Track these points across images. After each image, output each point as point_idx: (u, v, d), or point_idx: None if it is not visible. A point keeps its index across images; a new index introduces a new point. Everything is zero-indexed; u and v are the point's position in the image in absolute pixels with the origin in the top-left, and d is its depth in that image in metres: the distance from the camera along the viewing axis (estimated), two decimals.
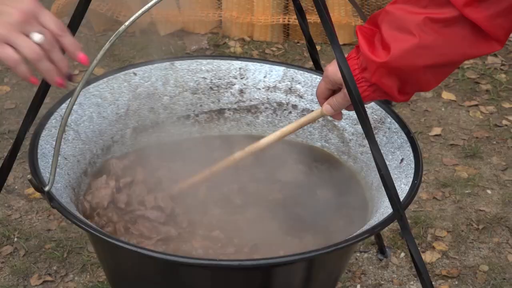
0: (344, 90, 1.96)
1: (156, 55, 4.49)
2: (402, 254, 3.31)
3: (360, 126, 2.13)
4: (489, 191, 3.66)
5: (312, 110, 2.34)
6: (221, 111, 2.50)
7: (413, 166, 2.05)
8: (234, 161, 2.21)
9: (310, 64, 2.82)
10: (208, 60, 2.49)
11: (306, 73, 2.41)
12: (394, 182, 1.92)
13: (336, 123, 2.34)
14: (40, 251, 3.29)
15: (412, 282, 3.18)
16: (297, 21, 4.47)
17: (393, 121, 2.20)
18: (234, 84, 2.48)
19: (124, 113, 2.41)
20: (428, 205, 3.55)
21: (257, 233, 2.14)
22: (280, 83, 2.46)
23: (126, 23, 1.82)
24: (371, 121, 2.18)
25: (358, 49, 1.95)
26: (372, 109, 2.25)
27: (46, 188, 1.87)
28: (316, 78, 2.37)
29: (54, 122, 2.19)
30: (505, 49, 4.73)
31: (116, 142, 2.40)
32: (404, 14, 1.85)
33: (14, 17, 1.62)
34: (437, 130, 4.01)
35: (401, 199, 1.91)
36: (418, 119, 4.10)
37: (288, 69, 2.46)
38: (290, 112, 2.46)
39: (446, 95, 4.31)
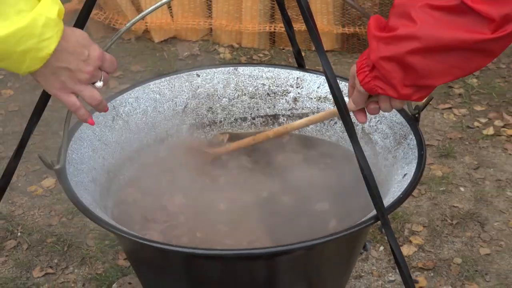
0: (357, 87, 1.93)
1: (151, 61, 4.49)
2: (381, 248, 3.31)
3: (388, 141, 2.16)
4: (462, 189, 3.67)
5: (356, 124, 2.33)
6: (275, 116, 2.50)
7: (409, 181, 2.04)
8: (273, 134, 2.26)
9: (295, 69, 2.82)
10: (270, 68, 2.49)
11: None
12: (392, 192, 1.93)
13: (371, 136, 2.32)
14: (42, 245, 3.29)
15: (390, 274, 3.18)
16: (282, 28, 4.50)
17: (414, 138, 2.17)
18: (290, 92, 2.48)
19: (181, 110, 2.44)
20: (405, 202, 3.55)
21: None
22: (330, 94, 2.45)
23: (127, 24, 1.86)
24: (397, 136, 2.19)
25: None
26: (401, 125, 2.22)
27: (56, 166, 1.93)
28: None
29: (110, 110, 2.25)
30: None
31: (171, 136, 2.42)
32: (407, 1, 1.82)
33: (84, 76, 1.70)
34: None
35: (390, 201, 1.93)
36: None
37: (340, 81, 2.44)
38: (336, 123, 2.44)
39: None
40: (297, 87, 2.48)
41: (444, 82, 1.84)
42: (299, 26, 4.27)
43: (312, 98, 2.46)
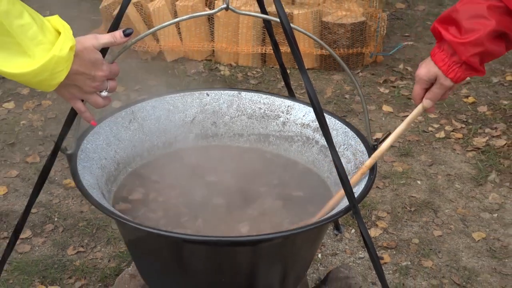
0: (440, 81, 1.96)
1: (164, 77, 4.48)
2: (353, 231, 3.30)
3: (349, 165, 2.17)
4: (419, 182, 3.66)
5: (327, 148, 2.34)
6: (266, 136, 2.49)
7: (366, 178, 2.05)
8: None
9: (283, 84, 2.81)
10: (267, 96, 2.48)
11: (332, 118, 2.38)
12: (355, 186, 1.94)
13: (342, 159, 2.32)
14: (74, 228, 3.28)
15: (360, 252, 3.18)
16: (271, 51, 4.49)
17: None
18: (280, 117, 2.47)
19: (190, 121, 2.43)
20: (372, 193, 3.55)
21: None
22: (312, 122, 2.44)
23: (145, 32, 1.85)
24: (358, 163, 2.20)
25: (439, 45, 1.95)
26: (362, 153, 2.22)
27: (69, 151, 1.98)
28: (337, 123, 2.34)
29: (123, 114, 2.26)
30: None
31: (178, 141, 2.42)
32: (473, 5, 1.88)
33: (90, 89, 1.73)
34: (378, 135, 4.00)
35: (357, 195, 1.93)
36: (365, 126, 4.09)
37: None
38: (313, 146, 2.44)
39: (386, 108, 4.30)
40: (286, 113, 2.48)
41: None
42: (285, 48, 4.26)
43: (297, 124, 2.46)
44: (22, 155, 3.78)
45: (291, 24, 1.86)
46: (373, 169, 2.08)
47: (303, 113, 2.45)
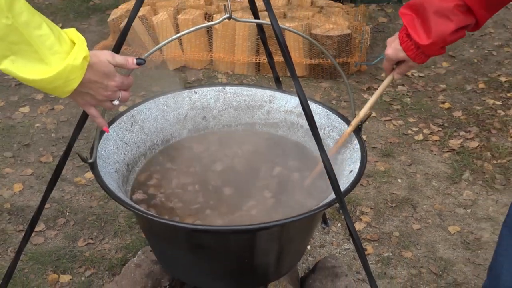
0: (408, 64, 2.08)
1: (166, 84, 4.47)
2: (339, 224, 3.30)
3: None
4: (399, 180, 3.66)
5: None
6: (253, 125, 2.51)
7: (354, 175, 2.07)
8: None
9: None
10: (249, 88, 2.50)
11: (313, 103, 2.41)
12: (341, 183, 1.94)
13: (325, 141, 2.32)
14: (84, 222, 3.27)
15: (346, 244, 3.18)
16: (265, 60, 4.50)
17: (357, 143, 2.21)
18: (264, 106, 2.49)
19: (183, 118, 2.44)
20: (357, 190, 3.55)
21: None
22: (295, 108, 2.46)
23: (156, 47, 1.88)
24: (344, 141, 2.23)
25: (407, 35, 2.02)
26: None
27: (90, 160, 1.97)
28: (319, 108, 2.37)
29: (125, 118, 2.27)
30: (409, 80, 4.74)
31: (174, 137, 2.43)
32: (439, 1, 1.93)
33: (102, 98, 1.73)
34: (363, 137, 4.01)
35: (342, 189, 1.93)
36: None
37: (310, 102, 2.47)
38: (298, 130, 2.45)
39: None
40: (269, 103, 2.49)
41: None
42: (277, 58, 4.26)
43: (280, 111, 2.48)
44: (36, 155, 3.77)
45: (282, 25, 1.87)
46: (361, 169, 2.09)
47: (285, 101, 2.48)
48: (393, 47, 2.09)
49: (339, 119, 2.32)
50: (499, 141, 4.01)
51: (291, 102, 2.47)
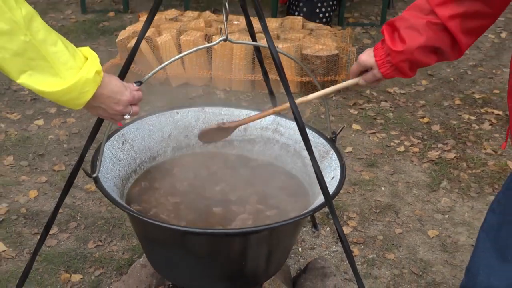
0: (374, 71, 2.02)
1: (169, 99, 4.48)
2: (328, 228, 3.30)
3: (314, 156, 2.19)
4: (382, 188, 3.67)
5: (288, 145, 2.39)
6: (231, 141, 2.50)
7: (337, 181, 2.07)
8: (286, 108, 2.19)
9: (269, 105, 2.82)
10: (227, 108, 2.51)
11: (287, 120, 2.42)
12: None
13: (301, 153, 2.33)
14: (94, 226, 3.27)
15: (334, 246, 3.18)
16: (260, 77, 4.51)
17: (334, 153, 2.22)
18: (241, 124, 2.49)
19: (167, 137, 2.43)
20: (344, 197, 3.55)
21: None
22: (270, 125, 2.47)
23: (158, 67, 1.90)
24: (321, 152, 2.23)
25: (382, 42, 1.98)
26: (323, 145, 2.28)
27: (94, 175, 1.97)
28: (292, 124, 2.38)
29: (116, 137, 2.27)
30: (392, 97, 4.75)
31: (160, 155, 2.42)
32: (414, 18, 1.90)
33: (114, 112, 1.74)
34: (349, 149, 4.01)
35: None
36: (337, 142, 4.11)
37: (276, 117, 2.48)
38: (274, 145, 2.45)
39: (355, 126, 4.31)
40: None
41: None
42: (271, 75, 4.26)
43: (257, 128, 2.49)
44: (50, 164, 3.77)
45: (277, 49, 1.88)
46: (343, 175, 2.10)
47: (260, 119, 2.48)
48: (367, 53, 2.07)
49: (314, 133, 2.33)
50: (473, 152, 4.03)
51: (266, 119, 2.48)
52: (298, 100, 2.05)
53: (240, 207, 2.19)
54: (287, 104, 2.08)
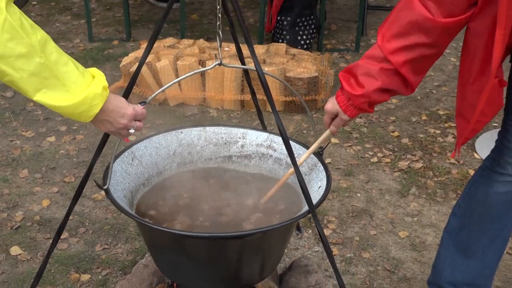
0: (340, 116, 2.06)
1: (168, 117, 4.48)
2: (310, 231, 3.31)
3: (303, 168, 2.22)
4: (358, 194, 3.68)
5: (281, 159, 2.42)
6: (230, 157, 2.51)
7: (323, 190, 2.08)
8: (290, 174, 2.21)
9: (257, 122, 2.84)
10: (226, 127, 2.52)
11: (279, 137, 2.43)
12: (312, 198, 1.96)
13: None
14: (101, 230, 3.26)
15: (315, 247, 3.18)
16: (248, 97, 4.52)
17: (321, 165, 2.23)
18: (239, 142, 2.50)
19: (172, 154, 2.43)
20: (324, 203, 3.56)
21: None
22: (264, 142, 2.47)
23: (160, 89, 1.90)
24: (310, 165, 2.23)
25: (341, 90, 2.01)
26: (311, 158, 2.29)
27: (105, 187, 1.98)
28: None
29: (126, 154, 2.28)
30: (366, 114, 4.77)
31: (166, 170, 2.42)
32: (369, 65, 1.93)
33: (120, 126, 1.76)
34: (329, 160, 4.02)
35: (314, 202, 1.94)
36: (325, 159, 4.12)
37: (270, 134, 2.50)
38: (268, 159, 2.46)
39: (333, 140, 4.32)
40: (243, 138, 2.51)
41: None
42: (259, 96, 4.28)
43: (253, 145, 2.50)
44: (61, 176, 3.76)
45: (264, 71, 1.89)
46: (328, 186, 2.11)
47: (256, 136, 2.51)
48: (331, 102, 2.10)
49: (302, 147, 2.34)
50: (439, 162, 4.05)
51: (261, 137, 2.50)
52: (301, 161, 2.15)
53: (240, 215, 2.20)
54: (326, 132, 2.15)
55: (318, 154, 2.28)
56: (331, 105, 2.07)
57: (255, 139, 2.49)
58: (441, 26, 1.85)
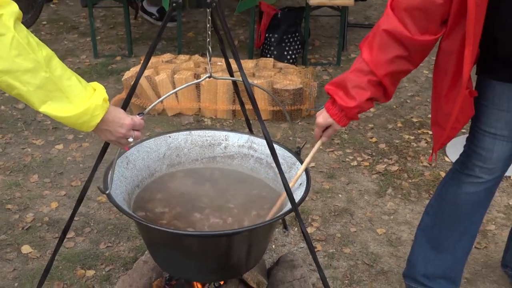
0: (333, 127, 2.07)
1: (166, 126, 4.47)
2: (296, 229, 3.30)
3: (283, 167, 2.20)
4: (340, 195, 3.68)
5: (261, 158, 2.40)
6: (214, 158, 2.50)
7: (304, 187, 2.07)
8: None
9: (247, 130, 2.83)
10: (209, 130, 2.51)
11: (259, 139, 2.43)
12: (294, 195, 1.95)
13: (272, 165, 2.33)
14: (105, 230, 3.24)
15: (301, 243, 3.18)
16: (239, 108, 4.51)
17: (299, 164, 2.23)
18: (222, 144, 2.49)
19: (162, 156, 2.41)
20: (308, 203, 3.56)
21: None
22: (246, 143, 2.47)
23: (157, 101, 1.90)
24: (289, 163, 2.23)
25: (332, 103, 2.03)
26: (290, 157, 2.29)
27: (107, 192, 1.96)
28: (263, 142, 2.37)
29: (121, 159, 2.25)
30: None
31: (157, 171, 2.40)
32: (358, 78, 1.94)
33: (119, 135, 1.73)
34: (312, 164, 4.02)
35: (296, 201, 1.93)
36: (302, 157, 4.12)
37: (250, 136, 2.49)
38: (250, 159, 2.46)
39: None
40: (226, 140, 2.51)
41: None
42: (248, 106, 4.27)
43: (235, 146, 2.50)
44: (68, 181, 3.74)
45: (251, 82, 1.89)
46: (308, 184, 2.10)
47: (237, 138, 2.50)
48: (322, 116, 2.09)
49: (282, 148, 2.34)
50: (413, 165, 4.05)
51: (242, 138, 2.50)
52: (299, 173, 2.14)
53: (225, 213, 2.19)
54: (318, 143, 2.15)
55: (296, 153, 2.30)
56: (322, 118, 2.07)
57: (237, 141, 2.49)
58: (418, 44, 1.88)
